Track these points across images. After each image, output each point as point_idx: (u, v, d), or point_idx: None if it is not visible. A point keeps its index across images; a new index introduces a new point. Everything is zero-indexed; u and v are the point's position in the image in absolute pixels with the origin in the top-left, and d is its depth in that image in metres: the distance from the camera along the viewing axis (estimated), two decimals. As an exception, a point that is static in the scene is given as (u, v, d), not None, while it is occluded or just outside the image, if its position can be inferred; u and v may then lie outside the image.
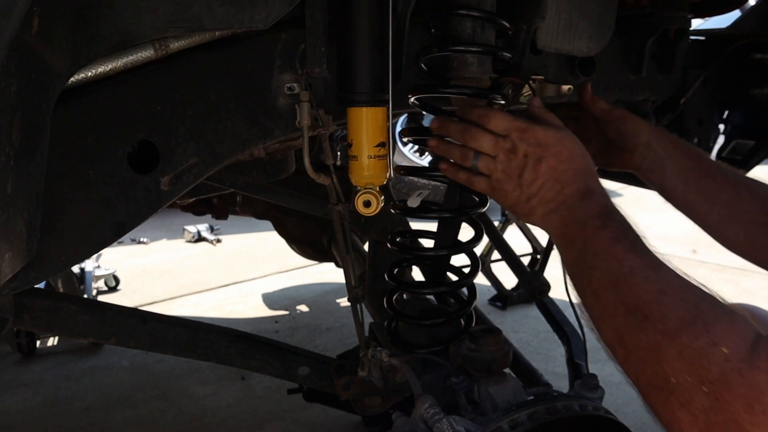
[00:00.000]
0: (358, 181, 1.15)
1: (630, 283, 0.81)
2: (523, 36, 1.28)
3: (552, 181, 0.99)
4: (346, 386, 1.46)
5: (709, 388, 0.66)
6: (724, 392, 0.65)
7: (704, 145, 1.94)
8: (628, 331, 0.79)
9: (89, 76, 0.96)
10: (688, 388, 0.68)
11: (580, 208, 0.96)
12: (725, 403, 0.65)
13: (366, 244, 2.37)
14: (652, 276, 0.81)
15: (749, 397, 0.63)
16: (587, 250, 0.90)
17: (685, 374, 0.68)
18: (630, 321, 0.79)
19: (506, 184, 1.02)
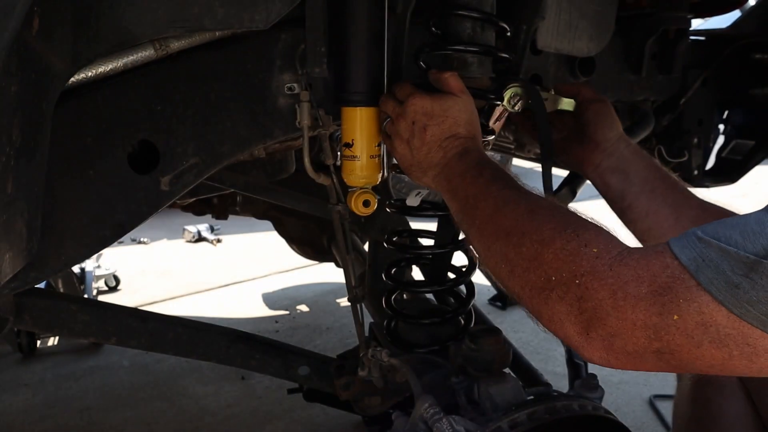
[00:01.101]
0: (355, 182, 1.15)
1: (506, 210, 0.89)
2: (523, 36, 1.28)
3: (437, 148, 1.05)
4: (346, 386, 1.46)
5: (580, 280, 0.74)
6: (594, 282, 0.72)
7: (704, 145, 1.95)
8: (510, 248, 0.86)
9: (89, 76, 0.96)
10: (565, 282, 0.75)
11: (459, 164, 1.03)
12: (593, 291, 0.72)
13: (366, 244, 2.37)
14: (523, 200, 0.90)
15: (615, 286, 0.71)
16: (468, 195, 0.98)
17: (562, 272, 0.76)
18: (511, 240, 0.86)
19: (399, 147, 1.09)
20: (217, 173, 1.57)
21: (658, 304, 0.68)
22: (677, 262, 0.69)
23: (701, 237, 0.69)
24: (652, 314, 0.69)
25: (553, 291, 0.77)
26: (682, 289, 0.68)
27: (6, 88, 0.69)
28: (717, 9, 1.73)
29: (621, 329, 0.71)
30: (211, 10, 0.92)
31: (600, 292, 0.72)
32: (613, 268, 0.72)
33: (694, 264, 0.68)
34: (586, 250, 0.75)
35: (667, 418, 2.36)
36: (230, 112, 1.09)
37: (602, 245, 0.75)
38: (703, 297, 0.67)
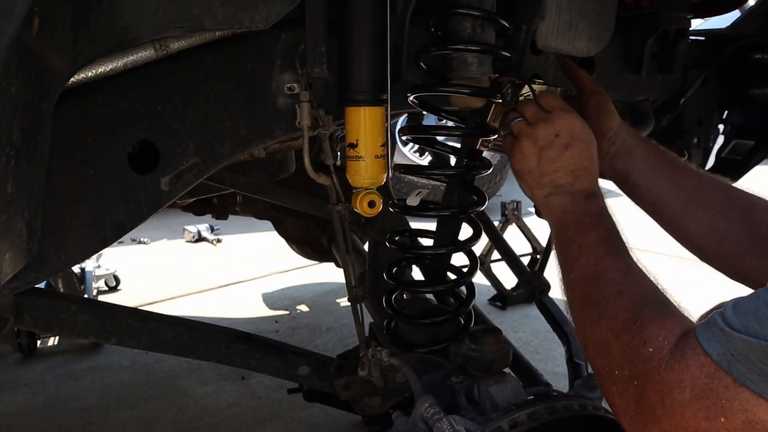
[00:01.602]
0: (360, 182, 1.15)
1: (599, 281, 0.92)
2: (523, 36, 1.28)
3: (568, 172, 1.07)
4: (346, 386, 1.46)
5: (638, 382, 0.76)
6: (646, 387, 0.75)
7: (704, 145, 1.95)
8: (588, 324, 0.90)
9: (89, 76, 0.96)
10: (625, 380, 0.79)
11: (582, 204, 1.04)
12: (646, 396, 0.75)
13: (366, 244, 2.37)
14: (618, 278, 0.91)
15: (663, 393, 0.73)
16: (575, 241, 1.00)
17: (624, 369, 0.79)
18: (591, 315, 0.90)
19: (527, 149, 1.09)
20: (217, 173, 1.56)
21: (703, 409, 0.70)
22: (710, 359, 0.70)
23: (723, 329, 0.70)
24: (700, 420, 0.71)
25: (615, 384, 0.81)
26: (722, 389, 0.69)
27: (6, 88, 0.69)
28: (717, 9, 1.73)
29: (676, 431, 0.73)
30: (211, 10, 0.92)
31: (652, 398, 0.75)
32: (661, 373, 0.74)
33: (725, 360, 0.69)
34: (643, 351, 0.77)
35: (667, 418, 2.36)
36: (230, 112, 1.09)
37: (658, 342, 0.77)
38: (742, 393, 0.68)
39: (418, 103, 1.24)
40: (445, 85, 1.20)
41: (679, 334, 0.77)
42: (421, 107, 1.27)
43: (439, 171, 1.57)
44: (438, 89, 1.21)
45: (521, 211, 3.70)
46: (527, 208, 3.56)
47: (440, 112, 1.28)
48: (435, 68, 1.20)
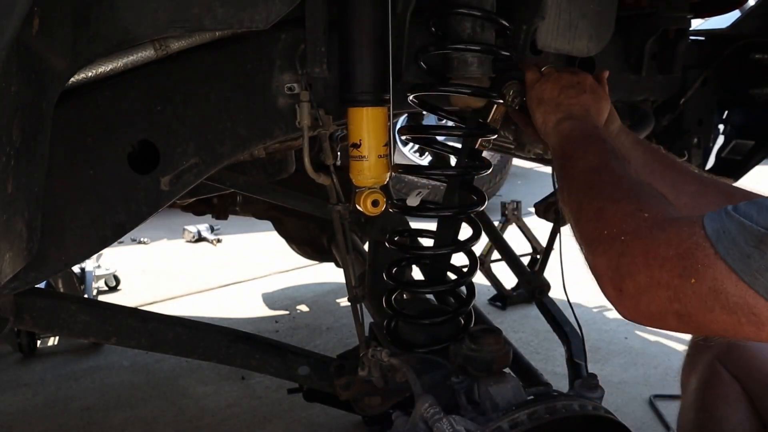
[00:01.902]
0: (363, 182, 1.15)
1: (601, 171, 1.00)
2: (523, 36, 1.28)
3: (583, 107, 1.18)
4: (346, 386, 1.46)
5: (625, 237, 0.82)
6: (634, 241, 0.81)
7: (704, 145, 1.94)
8: (585, 198, 0.96)
9: (89, 77, 0.96)
10: (612, 237, 0.84)
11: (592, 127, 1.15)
12: (631, 248, 0.81)
13: (366, 244, 2.37)
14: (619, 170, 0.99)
15: (648, 246, 0.79)
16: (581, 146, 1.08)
17: (613, 227, 0.85)
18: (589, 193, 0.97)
19: (551, 84, 1.20)
20: (217, 173, 1.57)
21: (680, 267, 0.75)
22: (703, 231, 0.75)
23: (729, 211, 0.75)
24: (674, 276, 0.76)
25: (601, 244, 0.86)
26: (702, 256, 0.74)
27: (6, 88, 0.69)
28: (717, 9, 1.73)
29: (647, 286, 0.78)
30: (211, 10, 0.92)
31: (636, 250, 0.80)
32: (652, 231, 0.80)
33: (715, 234, 0.74)
34: (638, 213, 0.83)
35: (667, 418, 2.36)
36: (230, 112, 1.09)
37: (655, 210, 0.83)
38: (718, 265, 0.73)
39: (419, 103, 1.25)
40: (446, 85, 1.20)
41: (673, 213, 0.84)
42: (421, 107, 1.27)
43: (439, 171, 1.57)
44: (438, 89, 1.21)
45: (521, 211, 3.70)
46: (527, 208, 3.56)
47: (440, 112, 1.28)
48: (435, 68, 1.20)
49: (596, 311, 3.34)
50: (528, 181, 7.07)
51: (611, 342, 3.05)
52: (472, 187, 1.37)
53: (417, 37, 1.21)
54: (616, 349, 2.98)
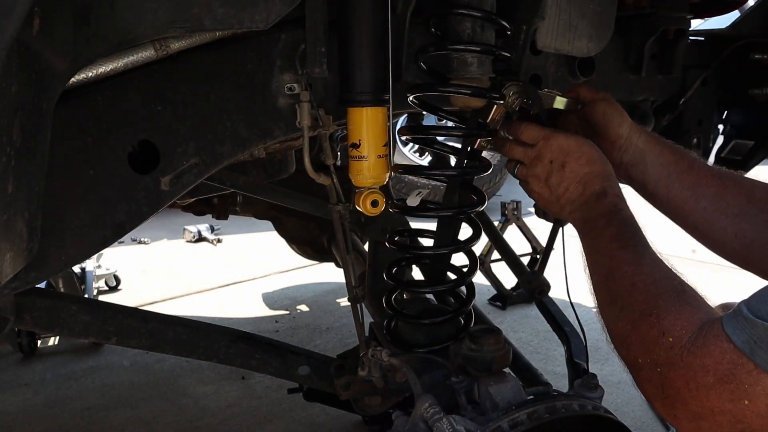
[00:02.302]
0: (363, 182, 1.15)
1: (614, 277, 0.96)
2: (523, 36, 1.28)
3: (575, 183, 1.11)
4: (347, 386, 1.46)
5: (661, 369, 0.81)
6: (671, 373, 0.80)
7: (704, 145, 1.95)
8: (610, 319, 0.96)
9: (90, 77, 0.97)
10: (648, 368, 0.84)
11: (594, 208, 1.08)
12: (671, 381, 0.80)
13: (366, 244, 2.37)
14: (629, 270, 0.95)
15: (687, 377, 0.78)
16: (594, 246, 1.05)
17: (646, 357, 0.84)
18: (612, 310, 0.95)
19: (537, 187, 1.16)
20: (218, 173, 1.57)
21: (727, 392, 0.74)
22: (733, 346, 0.74)
23: (747, 317, 0.74)
24: (724, 401, 0.75)
25: (641, 371, 0.86)
26: (744, 374, 0.73)
27: (6, 88, 0.69)
28: (716, 9, 1.73)
29: (702, 414, 0.78)
30: (211, 11, 0.92)
31: (677, 382, 0.79)
32: (684, 359, 0.79)
33: (748, 347, 0.73)
34: (663, 340, 0.82)
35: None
36: (230, 112, 1.09)
37: (677, 332, 0.81)
38: (764, 379, 0.72)
39: (418, 103, 1.25)
40: (445, 86, 1.20)
41: (696, 323, 0.80)
42: (421, 107, 1.27)
43: (439, 171, 1.57)
44: (438, 89, 1.21)
45: (521, 211, 3.70)
46: (527, 208, 3.56)
47: (440, 112, 1.28)
48: (435, 68, 1.20)
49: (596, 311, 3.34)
50: (528, 181, 7.06)
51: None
52: (472, 187, 1.38)
53: (417, 37, 1.21)
54: (616, 349, 2.98)
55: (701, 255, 4.65)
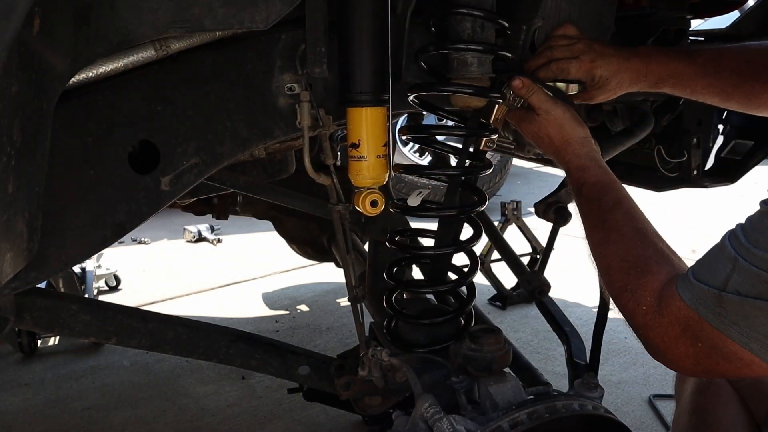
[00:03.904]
0: (363, 182, 1.15)
1: (595, 257, 1.11)
2: (523, 36, 1.28)
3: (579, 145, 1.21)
4: (347, 386, 1.46)
5: (643, 331, 0.98)
6: (649, 333, 0.97)
7: (704, 145, 1.94)
8: (603, 280, 1.09)
9: (90, 77, 0.97)
10: (635, 328, 1.00)
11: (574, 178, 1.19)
12: (650, 339, 0.97)
13: (366, 244, 2.37)
14: (602, 252, 1.09)
15: (661, 333, 0.95)
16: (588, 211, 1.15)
17: (631, 323, 1.01)
18: (604, 276, 1.09)
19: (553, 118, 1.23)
20: (218, 173, 1.57)
21: (688, 338, 0.91)
22: (683, 303, 0.91)
23: (690, 279, 0.91)
24: (689, 346, 0.92)
25: (636, 332, 1.01)
26: (694, 323, 0.90)
27: (7, 88, 0.69)
28: (716, 10, 1.73)
29: (677, 359, 0.95)
30: (211, 11, 0.92)
31: (654, 339, 0.96)
32: (656, 320, 0.95)
33: (693, 303, 0.89)
34: (638, 309, 0.98)
35: (667, 418, 2.36)
36: (230, 112, 1.09)
37: (647, 300, 0.97)
38: (705, 326, 0.88)
39: (419, 103, 1.25)
40: (446, 85, 1.20)
41: (659, 287, 0.96)
42: (421, 107, 1.27)
43: (440, 171, 1.57)
44: (438, 89, 1.21)
45: (521, 211, 3.70)
46: (527, 208, 3.56)
47: (440, 112, 1.28)
48: (435, 68, 1.20)
49: (596, 311, 3.34)
50: (528, 181, 7.07)
51: (611, 342, 3.04)
52: (473, 187, 1.38)
53: (417, 37, 1.21)
54: (616, 349, 2.98)
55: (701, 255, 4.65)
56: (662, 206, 5.23)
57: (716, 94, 1.31)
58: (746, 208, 0.90)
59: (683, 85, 1.31)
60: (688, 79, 1.30)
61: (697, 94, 1.33)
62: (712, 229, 5.56)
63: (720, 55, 1.30)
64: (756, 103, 1.29)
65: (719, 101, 1.34)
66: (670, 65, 1.29)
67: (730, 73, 1.27)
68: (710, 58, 1.29)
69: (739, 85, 1.28)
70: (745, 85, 1.27)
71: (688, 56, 1.30)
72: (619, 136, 1.76)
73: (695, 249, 4.65)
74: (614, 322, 3.22)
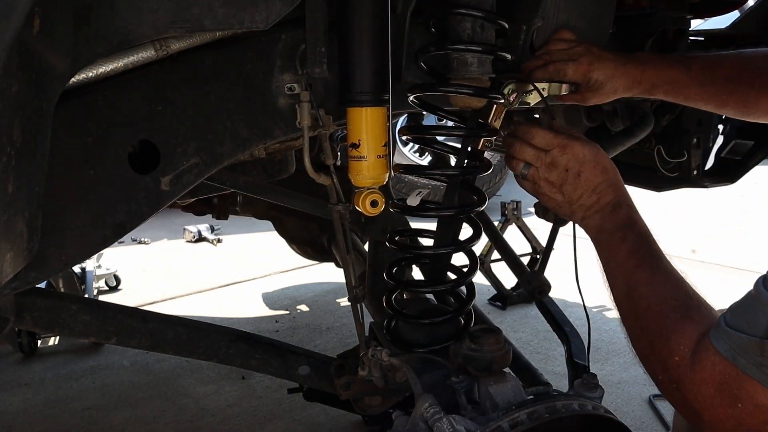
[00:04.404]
0: (362, 182, 1.15)
1: (632, 298, 1.04)
2: (523, 36, 1.28)
3: (590, 192, 1.15)
4: (347, 386, 1.46)
5: (677, 385, 0.91)
6: (682, 389, 0.90)
7: (704, 145, 1.95)
8: (633, 337, 1.03)
9: (90, 77, 0.97)
10: (667, 383, 0.93)
11: (609, 219, 1.13)
12: (684, 395, 0.90)
13: (366, 244, 2.37)
14: (645, 292, 1.01)
15: (694, 392, 0.88)
16: (612, 259, 1.11)
17: (664, 375, 0.94)
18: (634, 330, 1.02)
19: (548, 191, 1.19)
20: (218, 173, 1.57)
21: (725, 398, 0.84)
22: (720, 356, 0.84)
23: (725, 329, 0.84)
24: (725, 407, 0.85)
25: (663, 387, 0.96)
26: (731, 380, 0.83)
27: (7, 88, 0.69)
28: (716, 10, 1.73)
29: (715, 421, 0.87)
30: (211, 11, 0.92)
31: (689, 397, 0.89)
32: (689, 375, 0.89)
33: (730, 355, 0.83)
34: (671, 360, 0.92)
35: (667, 418, 2.36)
36: (230, 113, 1.09)
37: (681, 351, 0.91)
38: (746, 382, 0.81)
39: (419, 103, 1.25)
40: (445, 85, 1.20)
41: (695, 338, 0.89)
42: (421, 107, 1.27)
43: (439, 171, 1.57)
44: (438, 89, 1.21)
45: (521, 211, 3.70)
46: (527, 208, 3.56)
47: (440, 112, 1.28)
48: (435, 68, 1.20)
49: (596, 311, 3.34)
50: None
51: (611, 342, 3.05)
52: (473, 187, 1.38)
53: (417, 37, 1.21)
54: (616, 349, 2.98)
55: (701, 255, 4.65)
56: (662, 206, 5.24)
57: (711, 101, 1.31)
58: (746, 208, 0.90)
59: (677, 91, 1.31)
60: (682, 86, 1.30)
61: (691, 100, 1.33)
62: (712, 229, 5.55)
63: (715, 62, 1.30)
64: (751, 110, 1.30)
65: (714, 108, 1.34)
66: (665, 72, 1.29)
67: (725, 80, 1.27)
68: (705, 66, 1.29)
69: (734, 92, 1.28)
70: (740, 91, 1.27)
71: (684, 63, 1.30)
72: (619, 136, 1.77)
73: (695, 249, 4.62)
74: (614, 322, 3.23)
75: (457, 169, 1.36)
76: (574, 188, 1.16)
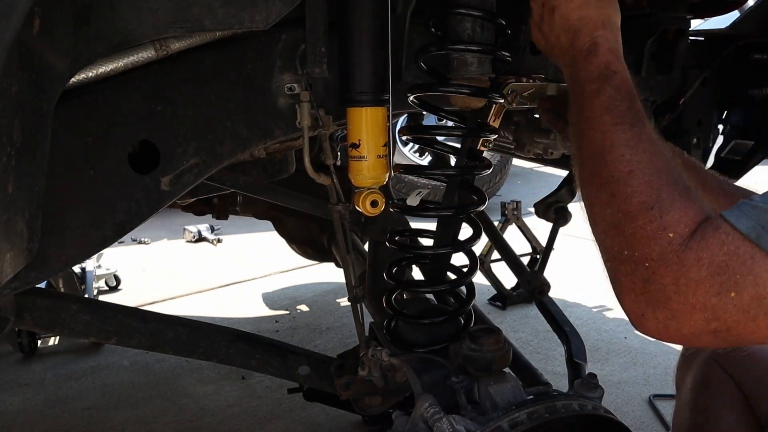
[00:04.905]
0: (363, 182, 1.15)
1: (606, 159, 0.85)
2: (523, 36, 1.28)
3: (564, 31, 0.99)
4: (347, 386, 1.46)
5: (650, 264, 0.75)
6: (661, 269, 0.74)
7: (704, 145, 1.94)
8: (598, 203, 0.85)
9: (90, 77, 0.97)
10: (635, 261, 0.77)
11: (582, 68, 0.95)
12: (659, 276, 0.74)
13: (366, 244, 2.37)
14: (627, 155, 0.84)
15: (678, 273, 0.73)
16: (582, 114, 0.93)
17: (635, 250, 0.77)
18: (601, 194, 0.85)
19: (535, 33, 1.07)
20: (218, 173, 1.57)
21: (717, 285, 0.70)
22: (737, 233, 0.70)
23: (756, 205, 0.70)
24: (710, 296, 0.71)
25: (623, 264, 0.79)
26: (739, 264, 0.69)
27: (7, 88, 0.69)
28: (716, 10, 1.73)
29: (680, 312, 0.73)
30: (212, 11, 0.92)
31: (665, 278, 0.74)
32: (679, 254, 0.73)
33: (754, 232, 0.69)
34: (662, 234, 0.76)
35: (667, 418, 2.36)
36: (230, 112, 1.09)
37: (680, 228, 0.75)
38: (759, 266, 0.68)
39: (418, 103, 1.25)
40: (445, 85, 1.20)
41: (698, 219, 0.75)
42: (421, 107, 1.27)
43: (439, 171, 1.57)
44: (438, 89, 1.21)
45: (521, 211, 3.70)
46: (527, 208, 3.56)
47: (440, 112, 1.28)
48: (435, 68, 1.20)
49: (596, 311, 3.34)
50: (528, 181, 7.07)
51: (611, 342, 3.05)
52: (473, 186, 1.38)
53: (417, 37, 1.21)
54: (616, 349, 2.98)
55: (701, 255, 4.60)
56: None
57: None
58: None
59: None
60: None
61: None
62: (712, 229, 5.55)
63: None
64: None
65: None
66: None
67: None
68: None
69: None
70: None
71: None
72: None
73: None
74: (614, 322, 3.23)
75: (456, 169, 1.36)
76: (550, 27, 1.00)
